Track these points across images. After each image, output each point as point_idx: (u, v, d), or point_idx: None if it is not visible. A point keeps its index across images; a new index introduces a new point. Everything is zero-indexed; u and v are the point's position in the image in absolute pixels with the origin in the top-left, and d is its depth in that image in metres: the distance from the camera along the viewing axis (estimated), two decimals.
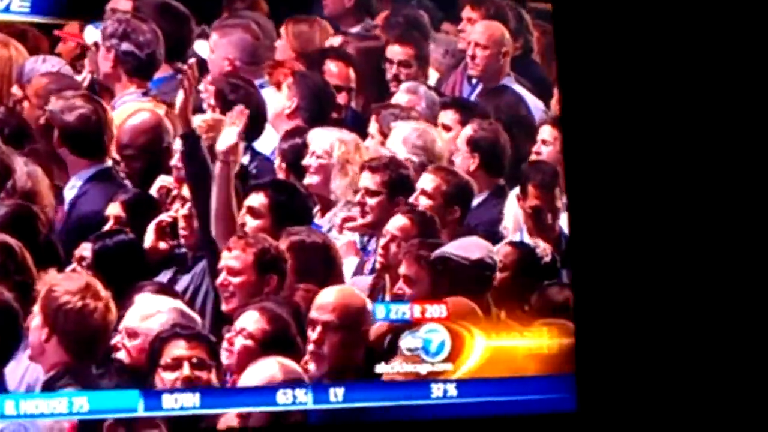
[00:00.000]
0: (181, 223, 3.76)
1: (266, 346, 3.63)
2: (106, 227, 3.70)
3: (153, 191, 3.80)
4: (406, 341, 3.92)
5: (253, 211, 3.78)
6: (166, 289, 3.67)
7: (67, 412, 3.50)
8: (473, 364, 4.00)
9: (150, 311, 3.56)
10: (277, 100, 4.04)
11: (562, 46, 4.35)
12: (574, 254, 4.25)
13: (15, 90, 3.73)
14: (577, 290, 4.22)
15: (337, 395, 3.77)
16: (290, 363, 3.67)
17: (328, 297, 3.73)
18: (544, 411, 4.07)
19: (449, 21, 4.43)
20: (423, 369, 3.93)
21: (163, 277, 3.73)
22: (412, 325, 3.90)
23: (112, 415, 3.56)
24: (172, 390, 3.56)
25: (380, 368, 3.87)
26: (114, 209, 3.71)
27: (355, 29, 4.28)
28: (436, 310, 3.89)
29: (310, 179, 3.97)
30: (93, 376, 3.51)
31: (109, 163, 3.77)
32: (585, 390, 4.15)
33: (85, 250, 3.64)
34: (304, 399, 3.72)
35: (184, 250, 3.77)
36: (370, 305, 3.79)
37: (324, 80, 4.09)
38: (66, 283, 3.48)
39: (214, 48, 3.98)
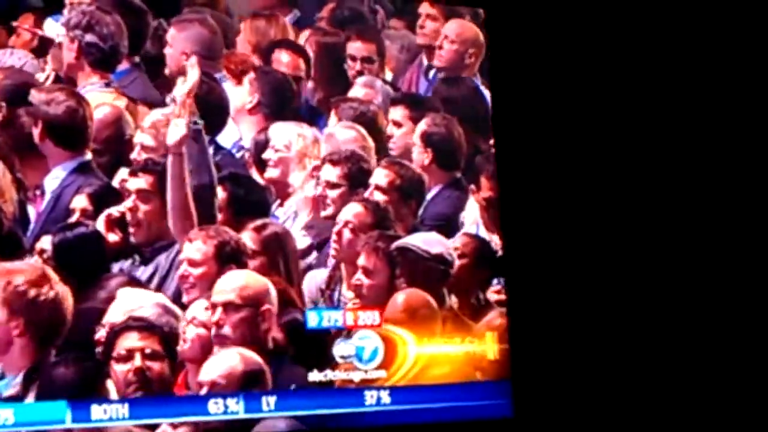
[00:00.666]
0: (128, 217, 3.77)
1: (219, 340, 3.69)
2: (72, 219, 3.71)
3: (115, 184, 3.82)
4: (339, 348, 3.93)
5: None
6: (135, 281, 3.69)
7: None
8: (407, 371, 3.99)
9: (133, 306, 3.60)
10: (237, 94, 4.07)
11: (494, 52, 4.40)
12: (507, 257, 4.23)
13: None
14: (511, 296, 4.20)
15: (269, 404, 3.76)
16: (251, 354, 3.69)
17: (226, 281, 3.74)
18: (479, 417, 4.05)
19: (398, 17, 4.48)
20: (356, 376, 3.93)
21: (117, 267, 3.73)
22: (345, 331, 3.93)
23: (39, 428, 3.50)
24: (100, 401, 3.54)
25: (313, 376, 3.86)
26: (80, 202, 3.73)
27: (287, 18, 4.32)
28: (369, 317, 3.93)
29: (271, 173, 4.03)
30: (50, 364, 3.51)
31: (89, 155, 3.78)
32: (521, 396, 4.16)
33: (45, 243, 3.65)
34: (235, 408, 3.70)
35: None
36: (272, 288, 3.78)
37: (285, 76, 4.14)
38: (24, 275, 3.48)
39: (172, 43, 4.00)
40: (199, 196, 3.77)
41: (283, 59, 4.20)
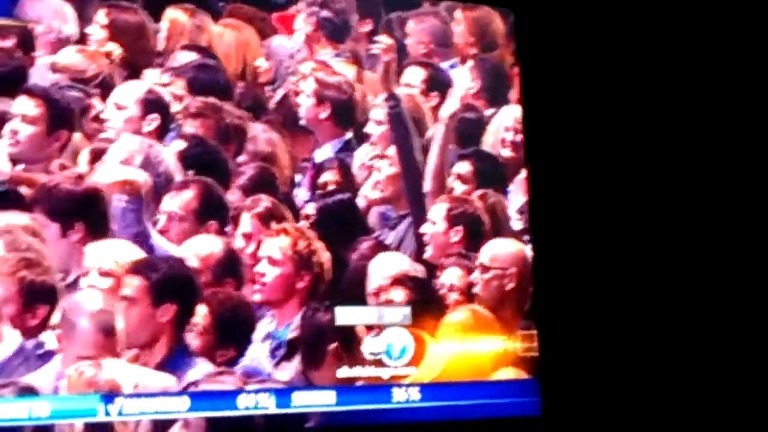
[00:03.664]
0: (372, 178, 4.25)
1: (470, 296, 4.21)
2: (329, 188, 4.20)
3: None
4: (369, 345, 4.03)
5: (461, 178, 4.32)
6: (382, 246, 4.17)
7: (27, 417, 3.54)
8: (436, 368, 4.06)
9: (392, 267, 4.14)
10: (461, 80, 4.51)
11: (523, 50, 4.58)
12: (537, 257, 4.33)
13: (262, 63, 4.23)
14: (539, 293, 4.30)
15: (299, 399, 3.86)
16: (485, 311, 4.19)
17: (488, 247, 4.27)
18: (507, 415, 4.11)
19: None
20: (385, 373, 4.02)
21: (375, 234, 4.21)
22: (373, 329, 4.04)
23: (72, 419, 3.59)
24: (129, 395, 3.64)
25: (342, 372, 3.97)
26: (331, 175, 4.22)
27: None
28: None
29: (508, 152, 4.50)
30: (320, 310, 3.98)
31: (351, 134, 4.29)
32: (549, 395, 4.21)
33: (310, 208, 4.13)
34: (266, 403, 3.79)
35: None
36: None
37: (502, 64, 4.56)
38: (303, 237, 4.00)
39: (411, 33, 4.47)
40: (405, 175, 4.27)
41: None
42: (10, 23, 3.92)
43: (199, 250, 3.85)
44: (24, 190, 3.74)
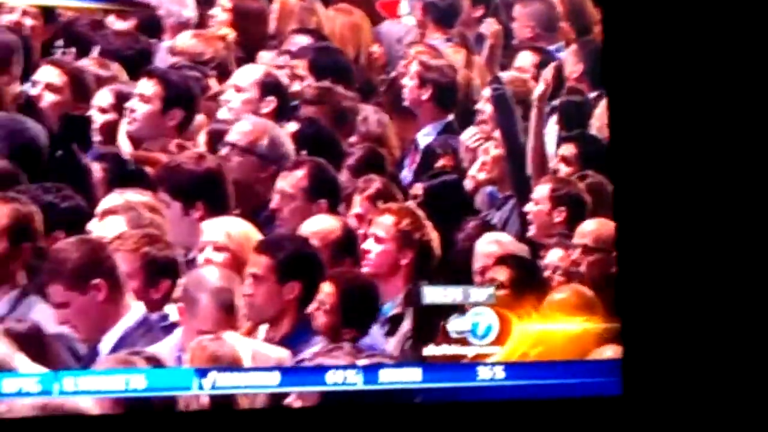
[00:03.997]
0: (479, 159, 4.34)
1: (572, 276, 4.26)
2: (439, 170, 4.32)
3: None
4: (454, 324, 4.00)
5: (565, 160, 4.39)
6: (487, 226, 4.26)
7: (124, 390, 3.61)
8: (521, 347, 4.04)
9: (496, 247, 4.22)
10: (567, 63, 4.58)
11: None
12: (620, 240, 4.25)
13: (375, 48, 4.38)
14: (621, 276, 4.23)
15: (386, 376, 3.88)
16: (586, 290, 4.21)
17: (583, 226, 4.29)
18: (589, 395, 4.08)
19: None
20: (470, 351, 4.01)
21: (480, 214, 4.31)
22: (458, 308, 4.03)
23: (166, 393, 3.65)
24: (220, 368, 3.68)
25: (428, 350, 3.98)
26: (444, 159, 4.34)
27: None
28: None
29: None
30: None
31: (451, 117, 4.39)
32: (631, 375, 4.13)
33: (418, 189, 4.24)
34: (354, 380, 3.82)
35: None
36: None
37: (600, 46, 4.51)
38: (408, 217, 4.09)
39: (518, 17, 4.57)
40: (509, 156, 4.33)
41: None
42: (131, 8, 4.07)
43: (317, 229, 3.96)
44: (148, 169, 3.90)
